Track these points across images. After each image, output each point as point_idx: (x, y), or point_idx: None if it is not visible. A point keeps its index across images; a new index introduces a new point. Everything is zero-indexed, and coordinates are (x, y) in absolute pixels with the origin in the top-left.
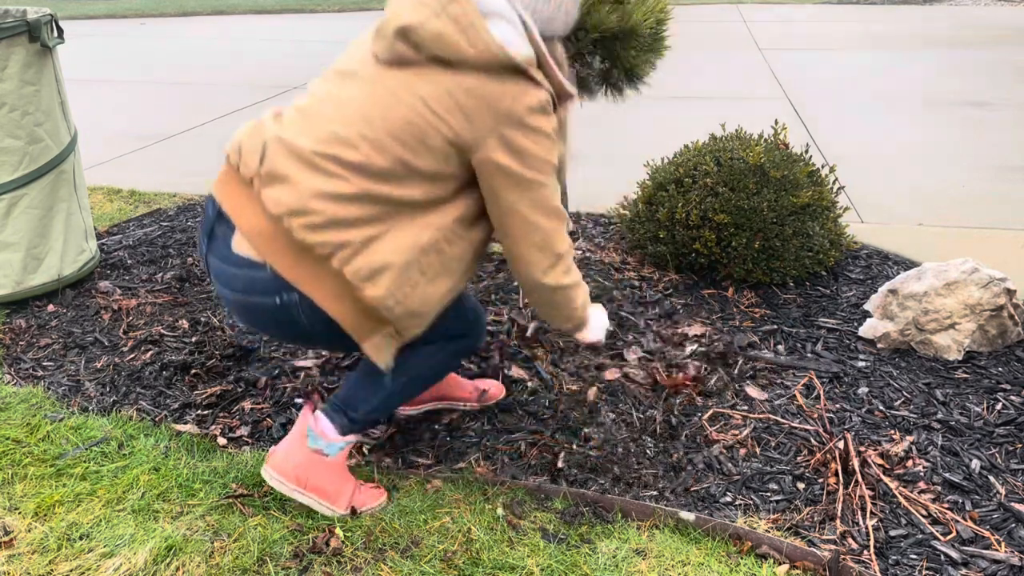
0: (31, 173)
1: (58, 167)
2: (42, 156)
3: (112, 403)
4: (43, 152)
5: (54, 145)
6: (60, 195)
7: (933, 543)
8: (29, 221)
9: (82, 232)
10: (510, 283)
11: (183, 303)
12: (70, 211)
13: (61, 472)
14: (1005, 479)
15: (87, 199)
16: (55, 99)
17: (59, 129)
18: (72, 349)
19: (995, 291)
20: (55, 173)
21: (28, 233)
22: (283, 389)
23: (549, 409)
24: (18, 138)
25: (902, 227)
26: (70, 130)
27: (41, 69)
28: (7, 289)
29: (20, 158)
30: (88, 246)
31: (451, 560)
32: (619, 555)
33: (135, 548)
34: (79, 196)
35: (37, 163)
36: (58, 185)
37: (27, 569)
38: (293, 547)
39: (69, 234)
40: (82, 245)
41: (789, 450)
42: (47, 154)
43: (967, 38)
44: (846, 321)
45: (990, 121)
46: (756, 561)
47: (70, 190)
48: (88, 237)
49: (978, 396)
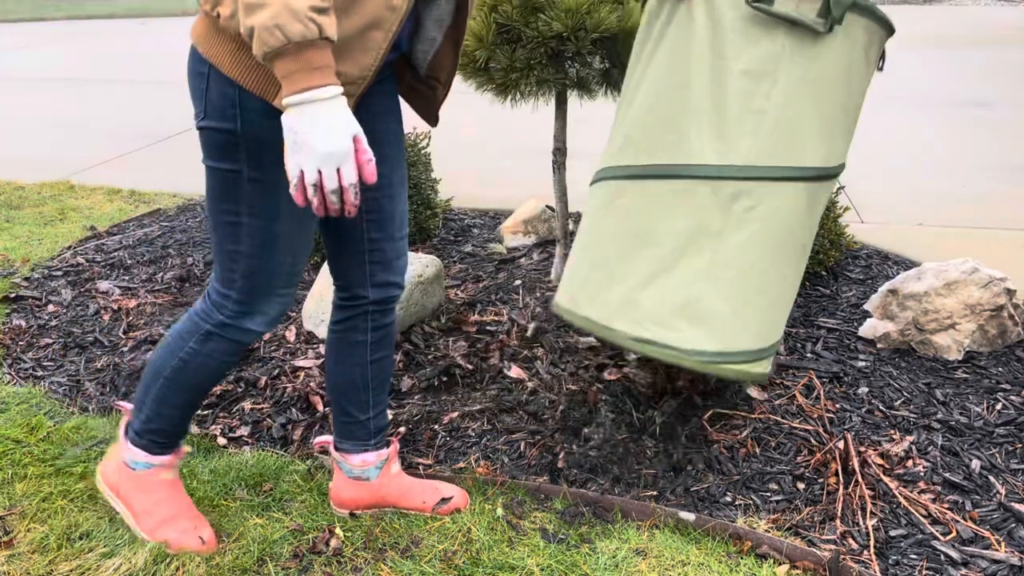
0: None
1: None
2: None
3: (112, 403)
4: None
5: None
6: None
7: (933, 543)
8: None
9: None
10: (510, 283)
11: (183, 303)
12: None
13: (61, 472)
14: (1005, 479)
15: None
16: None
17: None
18: (72, 349)
19: (995, 291)
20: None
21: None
22: (283, 389)
23: (549, 409)
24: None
25: (902, 227)
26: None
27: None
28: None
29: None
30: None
31: (451, 560)
32: (619, 555)
33: (135, 548)
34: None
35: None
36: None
37: (27, 569)
38: (293, 547)
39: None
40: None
41: (789, 450)
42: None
43: (967, 38)
44: (846, 321)
45: (990, 121)
46: (756, 561)
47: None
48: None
49: (978, 396)
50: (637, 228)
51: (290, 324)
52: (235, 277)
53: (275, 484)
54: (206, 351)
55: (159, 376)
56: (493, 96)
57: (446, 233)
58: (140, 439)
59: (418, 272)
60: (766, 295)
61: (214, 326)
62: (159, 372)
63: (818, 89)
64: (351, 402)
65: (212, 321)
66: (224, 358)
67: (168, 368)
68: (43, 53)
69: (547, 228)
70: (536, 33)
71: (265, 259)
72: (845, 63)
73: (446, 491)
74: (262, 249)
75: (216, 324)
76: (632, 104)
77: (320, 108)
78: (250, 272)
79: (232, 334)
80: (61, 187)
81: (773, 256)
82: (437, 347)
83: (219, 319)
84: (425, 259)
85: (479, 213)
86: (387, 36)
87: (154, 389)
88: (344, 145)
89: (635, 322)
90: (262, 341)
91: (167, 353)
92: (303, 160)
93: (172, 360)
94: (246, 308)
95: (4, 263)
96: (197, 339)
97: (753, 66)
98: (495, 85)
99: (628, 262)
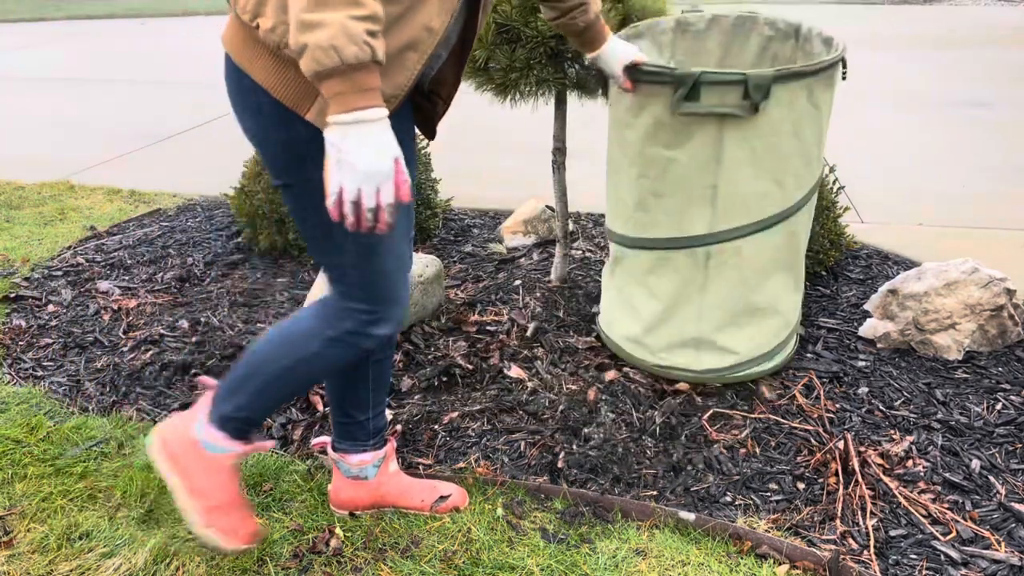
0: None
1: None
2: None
3: (112, 403)
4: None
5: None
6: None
7: (933, 543)
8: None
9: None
10: (510, 283)
11: (183, 303)
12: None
13: (61, 472)
14: (1005, 479)
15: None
16: None
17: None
18: (72, 349)
19: (995, 291)
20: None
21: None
22: None
23: (549, 409)
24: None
25: (902, 227)
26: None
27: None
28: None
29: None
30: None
31: (451, 560)
32: (619, 555)
33: (135, 548)
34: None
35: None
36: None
37: (27, 569)
38: (293, 547)
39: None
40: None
41: (789, 450)
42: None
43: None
44: (846, 321)
45: (990, 121)
46: (756, 561)
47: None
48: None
49: (978, 396)
50: (636, 283)
51: None
52: (353, 291)
53: (275, 484)
54: (329, 355)
55: (265, 371)
56: (493, 96)
57: (446, 233)
58: (225, 425)
59: (418, 272)
60: (760, 316)
61: (342, 333)
62: (265, 367)
63: (764, 157)
64: (351, 403)
65: (340, 328)
66: (345, 362)
67: (279, 366)
68: (43, 53)
69: (547, 228)
70: (535, 33)
71: (374, 264)
72: (789, 126)
73: (444, 489)
74: (367, 256)
75: (344, 332)
76: (610, 178)
77: (366, 129)
78: (365, 282)
79: (362, 341)
80: (61, 187)
81: (757, 286)
82: (437, 347)
83: (347, 327)
84: (425, 259)
85: (479, 213)
86: (422, 58)
87: (256, 381)
88: (387, 167)
89: (650, 353)
90: None
91: (279, 351)
92: (345, 178)
93: (286, 359)
94: (374, 316)
95: (4, 263)
96: (321, 343)
97: (694, 154)
98: (494, 85)
99: (627, 314)
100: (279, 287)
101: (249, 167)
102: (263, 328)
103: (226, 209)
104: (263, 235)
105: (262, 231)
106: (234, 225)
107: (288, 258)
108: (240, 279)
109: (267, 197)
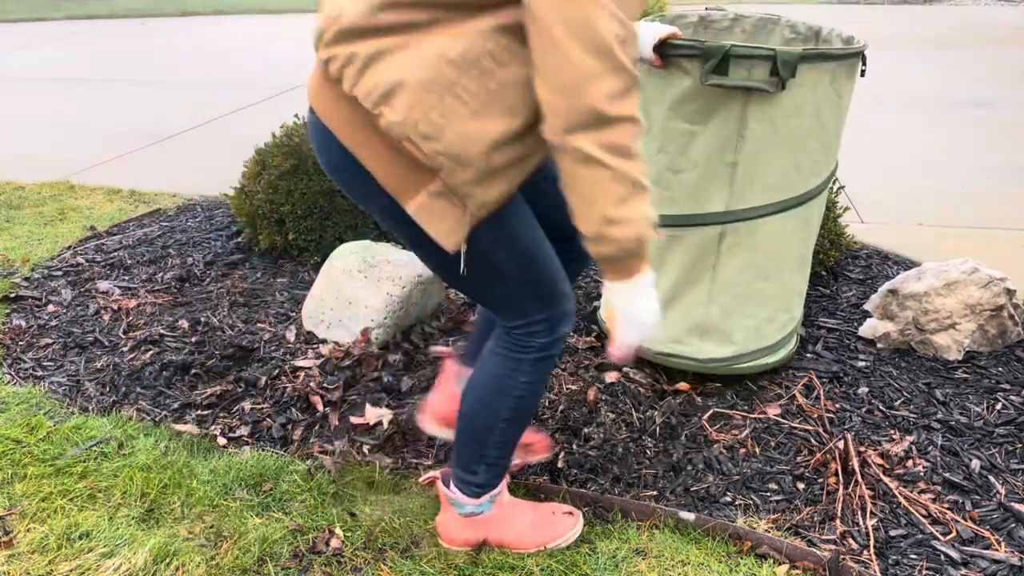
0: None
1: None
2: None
3: (112, 403)
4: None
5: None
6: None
7: (933, 543)
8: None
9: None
10: None
11: (183, 303)
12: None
13: (61, 472)
14: (1005, 479)
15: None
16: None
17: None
18: (72, 349)
19: (995, 291)
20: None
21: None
22: (283, 389)
23: (549, 409)
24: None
25: (902, 227)
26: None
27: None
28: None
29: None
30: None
31: (451, 560)
32: (619, 555)
33: (135, 548)
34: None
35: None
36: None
37: (27, 569)
38: (293, 547)
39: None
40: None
41: (789, 450)
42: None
43: (967, 38)
44: (846, 321)
45: (990, 121)
46: (756, 561)
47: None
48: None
49: (978, 396)
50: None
51: (290, 324)
52: (524, 306)
53: (275, 484)
54: (540, 375)
55: (494, 427)
56: None
57: None
58: (483, 490)
59: (418, 272)
60: (767, 306)
61: (538, 350)
62: (492, 422)
63: (786, 136)
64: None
65: (533, 347)
66: (550, 371)
67: (504, 412)
68: (43, 53)
69: None
70: None
71: (535, 269)
72: (811, 108)
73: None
74: (526, 267)
75: (538, 348)
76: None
77: (647, 291)
78: (534, 293)
79: (555, 348)
80: (61, 187)
81: (767, 274)
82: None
83: (539, 342)
84: None
85: None
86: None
87: (493, 438)
88: (657, 317)
89: (655, 341)
90: (262, 342)
91: (494, 400)
92: (633, 332)
93: (506, 403)
94: (553, 319)
95: (4, 263)
96: (526, 370)
97: (717, 130)
98: None
99: None
100: (279, 287)
101: (249, 167)
102: (263, 328)
103: (226, 209)
104: (263, 235)
105: (262, 231)
106: (234, 225)
107: (288, 258)
108: (240, 279)
109: (267, 197)
